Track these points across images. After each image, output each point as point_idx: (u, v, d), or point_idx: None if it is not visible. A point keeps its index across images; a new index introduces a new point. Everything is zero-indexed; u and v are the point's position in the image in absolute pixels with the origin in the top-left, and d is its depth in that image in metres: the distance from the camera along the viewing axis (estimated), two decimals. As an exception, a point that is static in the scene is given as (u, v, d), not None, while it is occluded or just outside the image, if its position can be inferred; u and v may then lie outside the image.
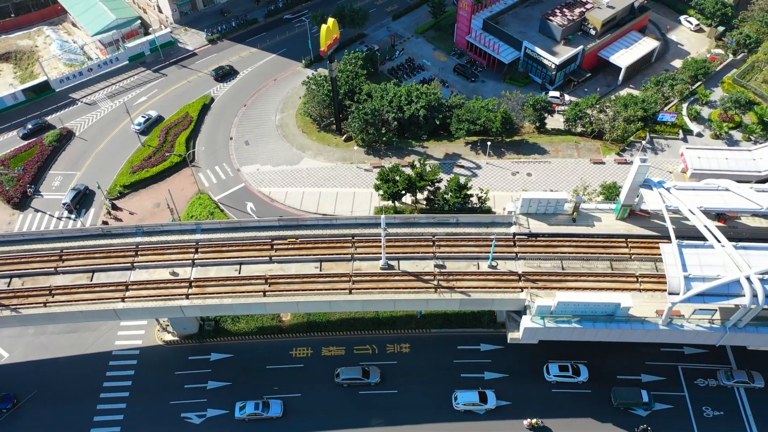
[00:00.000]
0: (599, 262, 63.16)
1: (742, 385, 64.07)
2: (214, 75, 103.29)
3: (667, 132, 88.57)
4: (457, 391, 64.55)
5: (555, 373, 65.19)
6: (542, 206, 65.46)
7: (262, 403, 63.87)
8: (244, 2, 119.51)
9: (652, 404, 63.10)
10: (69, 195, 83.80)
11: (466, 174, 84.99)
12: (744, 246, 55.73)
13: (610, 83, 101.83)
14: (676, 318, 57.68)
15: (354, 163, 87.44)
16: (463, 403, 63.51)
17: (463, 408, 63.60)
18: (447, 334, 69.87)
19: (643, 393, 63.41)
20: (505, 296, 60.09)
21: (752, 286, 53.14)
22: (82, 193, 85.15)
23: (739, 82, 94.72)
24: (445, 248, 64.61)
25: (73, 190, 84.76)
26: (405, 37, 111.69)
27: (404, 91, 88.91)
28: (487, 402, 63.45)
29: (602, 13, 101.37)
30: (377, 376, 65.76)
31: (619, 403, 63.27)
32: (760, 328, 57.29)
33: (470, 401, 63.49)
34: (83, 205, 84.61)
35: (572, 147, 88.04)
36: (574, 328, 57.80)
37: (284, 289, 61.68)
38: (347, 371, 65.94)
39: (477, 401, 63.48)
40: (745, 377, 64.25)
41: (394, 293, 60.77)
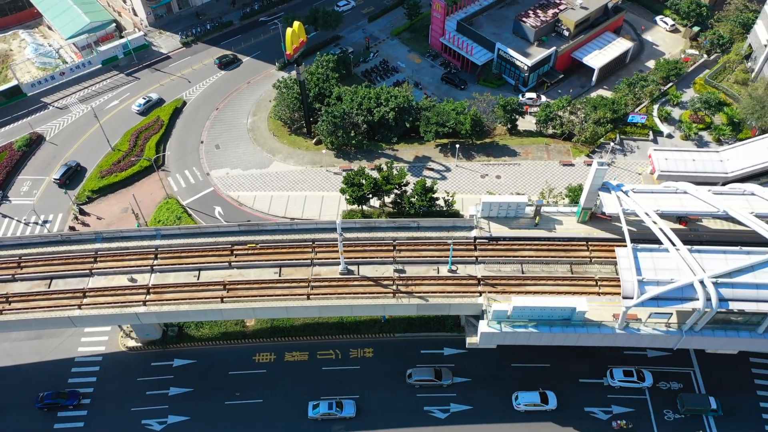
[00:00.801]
0: (559, 266, 63.00)
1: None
2: (218, 63, 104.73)
3: (637, 133, 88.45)
4: (518, 391, 64.22)
5: (620, 378, 64.56)
6: (503, 210, 65.26)
7: (336, 403, 63.46)
8: (220, 5, 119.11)
9: (719, 411, 62.42)
10: (60, 171, 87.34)
11: (435, 177, 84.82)
12: (699, 249, 55.54)
13: (584, 84, 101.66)
14: (633, 322, 57.55)
15: (323, 166, 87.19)
16: (524, 404, 63.42)
17: (524, 408, 63.35)
18: (411, 338, 69.67)
19: (711, 400, 62.64)
20: (462, 301, 59.91)
21: (705, 289, 52.99)
22: (73, 169, 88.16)
23: (711, 83, 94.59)
24: (405, 252, 64.39)
25: (64, 166, 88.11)
26: (380, 38, 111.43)
27: (374, 94, 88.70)
28: (548, 403, 63.18)
29: (575, 14, 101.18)
30: (449, 378, 65.21)
31: (686, 410, 62.56)
32: (716, 331, 57.13)
33: (531, 401, 63.29)
34: (74, 181, 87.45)
35: (542, 149, 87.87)
36: (531, 333, 57.61)
37: (242, 295, 61.42)
38: (419, 372, 65.35)
39: (538, 401, 63.28)
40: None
41: (351, 299, 60.53)
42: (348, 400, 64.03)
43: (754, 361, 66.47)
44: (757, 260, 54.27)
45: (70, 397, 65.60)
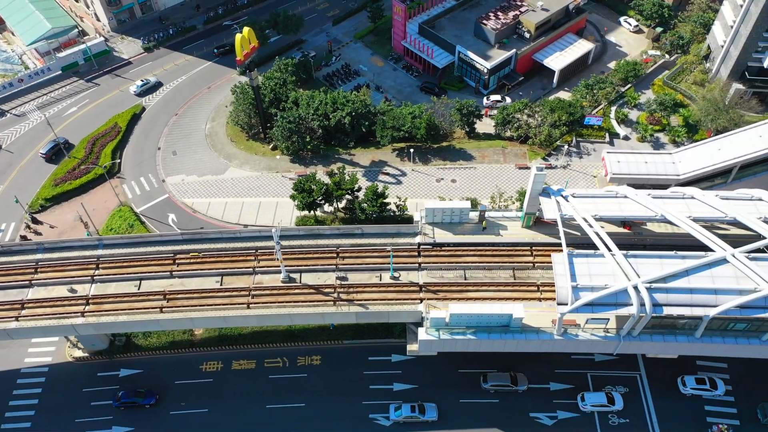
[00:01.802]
0: (502, 271, 62.82)
1: None
2: (216, 51, 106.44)
3: (594, 135, 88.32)
4: (584, 392, 64.02)
5: (692, 386, 63.86)
6: (447, 216, 65.02)
7: (418, 407, 63.10)
8: (184, 9, 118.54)
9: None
10: (47, 146, 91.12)
11: (390, 181, 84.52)
12: (635, 254, 55.38)
13: (546, 86, 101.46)
14: (572, 327, 57.38)
15: (279, 171, 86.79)
16: (591, 404, 63.15)
17: (590, 409, 63.10)
18: (359, 345, 69.29)
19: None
20: (402, 308, 59.69)
21: (639, 295, 52.84)
22: (61, 146, 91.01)
23: (669, 84, 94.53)
24: (349, 260, 64.09)
25: (51, 142, 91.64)
26: (344, 42, 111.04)
27: (330, 99, 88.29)
28: (614, 404, 62.96)
29: (536, 16, 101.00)
30: (525, 383, 64.81)
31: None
32: (654, 336, 57.02)
33: (598, 402, 62.98)
34: (59, 156, 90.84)
35: (499, 152, 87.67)
36: (469, 340, 57.39)
37: (183, 304, 61.01)
38: (496, 377, 64.98)
39: (605, 402, 63.02)
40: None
41: (291, 307, 60.23)
42: (430, 404, 63.50)
43: (701, 364, 66.45)
44: (691, 265, 54.18)
45: (147, 396, 65.12)
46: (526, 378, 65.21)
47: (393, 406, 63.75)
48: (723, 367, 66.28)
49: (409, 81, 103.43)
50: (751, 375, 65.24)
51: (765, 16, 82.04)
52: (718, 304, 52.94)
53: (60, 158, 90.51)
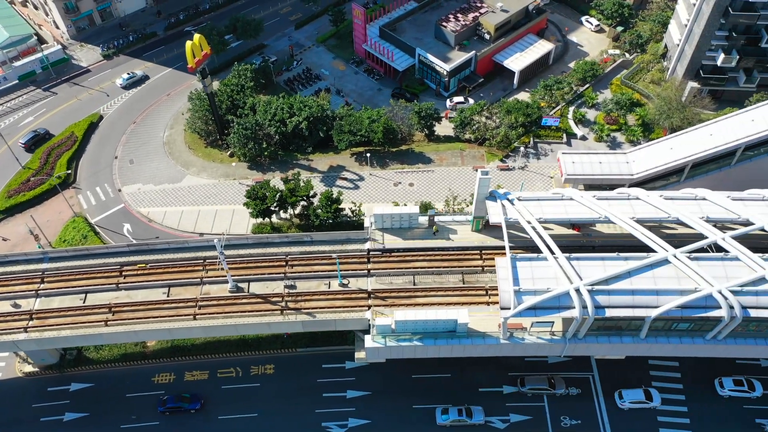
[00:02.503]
0: (451, 276, 62.64)
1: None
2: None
3: (552, 136, 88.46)
4: (622, 389, 63.98)
5: (730, 388, 63.70)
6: (396, 221, 64.73)
7: (465, 410, 62.83)
8: (145, 15, 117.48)
9: None
10: (27, 136, 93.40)
11: (348, 186, 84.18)
12: (578, 257, 55.32)
13: (507, 87, 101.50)
14: (519, 331, 57.31)
15: (236, 179, 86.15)
16: (630, 401, 63.13)
17: (628, 406, 63.13)
18: (312, 352, 68.86)
19: None
20: (348, 316, 59.28)
21: (581, 297, 52.80)
22: (41, 136, 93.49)
23: (627, 84, 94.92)
24: (298, 268, 63.63)
25: (32, 132, 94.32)
26: (306, 46, 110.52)
27: (287, 104, 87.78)
28: (652, 400, 63.07)
29: (495, 17, 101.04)
30: (563, 387, 64.64)
31: None
32: (600, 337, 57.06)
33: (636, 399, 63.12)
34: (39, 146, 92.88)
35: (457, 155, 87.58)
36: (416, 346, 57.13)
37: (128, 317, 60.28)
38: (533, 380, 64.85)
39: (643, 398, 63.14)
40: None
41: (238, 317, 59.68)
42: (477, 407, 63.36)
43: (653, 363, 66.67)
44: (633, 266, 54.22)
45: (192, 401, 64.57)
46: (564, 382, 65.12)
47: (439, 409, 63.43)
48: (675, 365, 66.69)
49: (370, 84, 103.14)
50: (704, 372, 65.54)
51: (716, 15, 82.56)
52: (660, 304, 53.01)
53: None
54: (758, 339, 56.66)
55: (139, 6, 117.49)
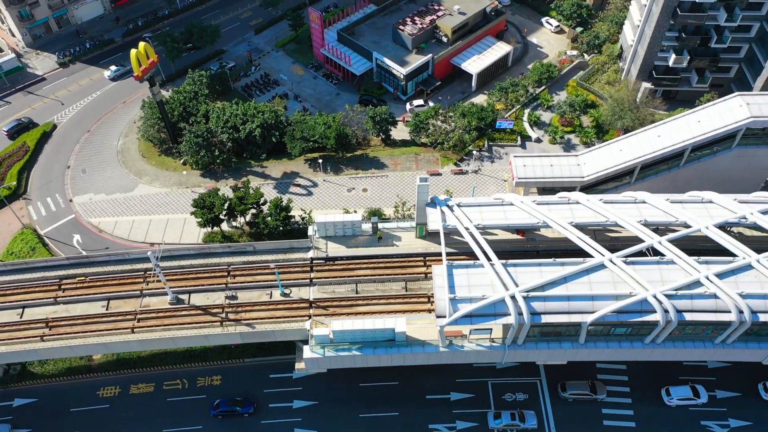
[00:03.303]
0: (394, 284, 62.23)
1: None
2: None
3: (506, 139, 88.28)
4: (670, 386, 64.06)
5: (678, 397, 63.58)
6: (339, 229, 64.24)
7: (518, 414, 62.54)
8: (103, 22, 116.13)
9: None
10: (10, 124, 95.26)
11: (301, 193, 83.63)
12: (515, 263, 55.06)
13: (466, 90, 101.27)
14: (459, 338, 57.01)
15: (189, 187, 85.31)
16: (677, 398, 63.14)
17: (676, 403, 63.17)
18: (260, 362, 68.21)
19: None
20: (288, 326, 58.78)
21: (517, 304, 52.55)
22: (24, 125, 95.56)
23: (582, 85, 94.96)
24: (240, 278, 63.00)
25: (15, 121, 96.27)
26: (265, 51, 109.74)
27: (241, 111, 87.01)
28: (699, 397, 63.07)
29: (453, 20, 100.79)
30: (604, 392, 64.25)
31: None
32: (539, 343, 56.91)
33: (684, 395, 63.20)
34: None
35: (412, 159, 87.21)
36: (355, 356, 56.71)
37: (66, 332, 59.42)
38: (574, 386, 64.50)
39: (690, 395, 63.19)
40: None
41: (176, 330, 58.97)
42: (529, 411, 63.09)
43: (601, 367, 66.63)
44: (569, 272, 54.03)
45: (245, 405, 64.17)
46: (605, 387, 64.73)
47: (491, 414, 63.10)
48: (622, 369, 66.68)
49: (328, 89, 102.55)
50: (650, 374, 65.56)
51: (665, 15, 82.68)
52: (595, 310, 52.85)
53: None
54: (696, 342, 56.70)
55: (97, 13, 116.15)
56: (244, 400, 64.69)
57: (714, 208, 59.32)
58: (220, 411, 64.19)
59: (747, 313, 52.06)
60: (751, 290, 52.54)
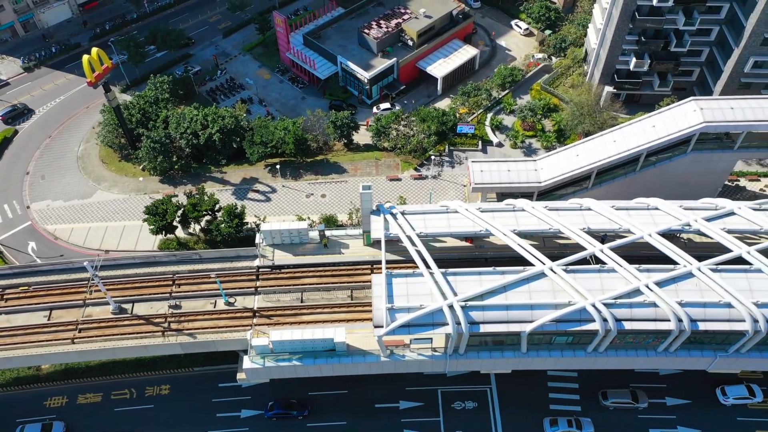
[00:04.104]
0: (340, 292, 61.69)
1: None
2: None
3: (467, 144, 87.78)
4: (725, 385, 63.91)
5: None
6: (285, 237, 63.67)
7: (575, 421, 62.24)
8: (71, 26, 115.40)
9: None
10: (5, 110, 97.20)
11: (260, 199, 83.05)
12: (455, 272, 54.45)
13: (432, 93, 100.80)
14: (401, 348, 56.49)
15: (147, 193, 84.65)
16: (733, 397, 63.20)
17: (732, 402, 63.10)
18: (209, 371, 67.57)
19: None
20: (229, 336, 58.18)
21: (455, 314, 51.99)
22: (20, 110, 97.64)
23: (546, 89, 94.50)
24: (185, 287, 62.39)
25: (11, 106, 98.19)
26: (233, 54, 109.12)
27: (200, 116, 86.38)
28: (755, 396, 63.12)
29: (418, 23, 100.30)
30: (645, 400, 63.69)
31: None
32: (481, 352, 56.40)
33: (740, 395, 63.28)
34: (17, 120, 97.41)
35: (372, 164, 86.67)
36: (296, 366, 56.16)
37: (5, 342, 58.68)
38: (616, 394, 64.01)
39: (746, 394, 63.24)
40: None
41: (117, 340, 58.33)
42: (586, 419, 62.70)
43: (551, 374, 66.17)
44: (509, 280, 53.46)
45: (300, 407, 63.84)
46: (646, 395, 64.27)
47: (547, 420, 62.80)
48: (573, 376, 66.22)
49: (294, 93, 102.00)
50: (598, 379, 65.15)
51: (625, 19, 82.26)
52: (534, 319, 52.35)
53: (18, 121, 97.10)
54: (639, 350, 56.29)
55: (65, 16, 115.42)
56: (298, 403, 64.24)
57: (659, 215, 58.81)
58: (274, 413, 63.81)
59: (686, 321, 51.61)
60: (690, 299, 52.09)
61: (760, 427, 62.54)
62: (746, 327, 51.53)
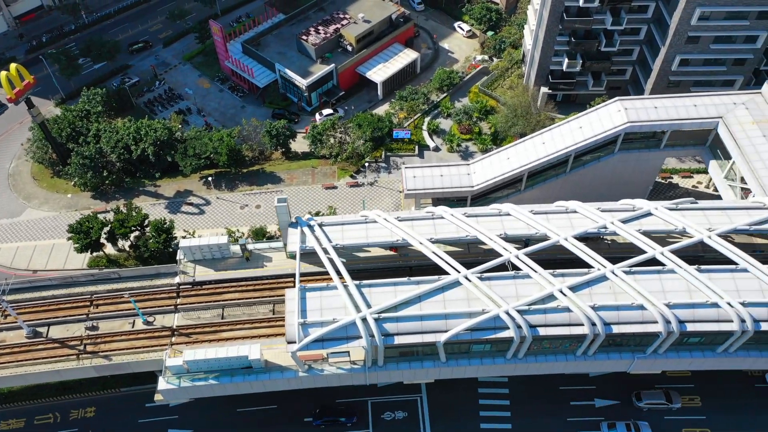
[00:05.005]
0: (262, 306, 60.71)
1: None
2: None
3: (404, 149, 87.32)
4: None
5: None
6: (206, 252, 62.51)
7: (633, 425, 62.28)
8: (7, 39, 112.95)
9: None
10: None
11: (193, 212, 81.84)
12: (370, 284, 53.70)
13: (373, 98, 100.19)
14: (320, 362, 55.68)
15: (78, 210, 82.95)
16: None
17: None
18: (136, 391, 66.29)
19: None
20: (146, 357, 56.92)
21: (368, 326, 51.31)
22: None
23: (484, 91, 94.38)
24: (103, 307, 60.94)
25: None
26: (173, 64, 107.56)
27: (133, 129, 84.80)
28: None
29: (357, 28, 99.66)
30: (679, 401, 63.90)
31: None
32: (401, 363, 55.83)
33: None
34: None
35: (308, 173, 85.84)
36: (212, 385, 55.07)
37: None
38: (650, 395, 64.25)
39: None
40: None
41: (30, 365, 56.78)
42: (643, 422, 62.61)
43: (482, 381, 65.85)
44: (423, 290, 52.76)
45: (348, 414, 63.33)
46: (679, 395, 64.44)
47: (605, 424, 62.83)
48: (504, 382, 66.01)
49: (234, 102, 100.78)
50: (531, 392, 64.92)
51: (555, 21, 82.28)
52: (449, 328, 51.84)
53: None
54: (558, 355, 56.13)
55: (0, 30, 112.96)
56: (347, 409, 63.89)
57: (577, 218, 58.56)
58: (323, 420, 63.22)
59: (600, 325, 51.44)
60: (604, 302, 51.94)
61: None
62: (659, 328, 51.56)
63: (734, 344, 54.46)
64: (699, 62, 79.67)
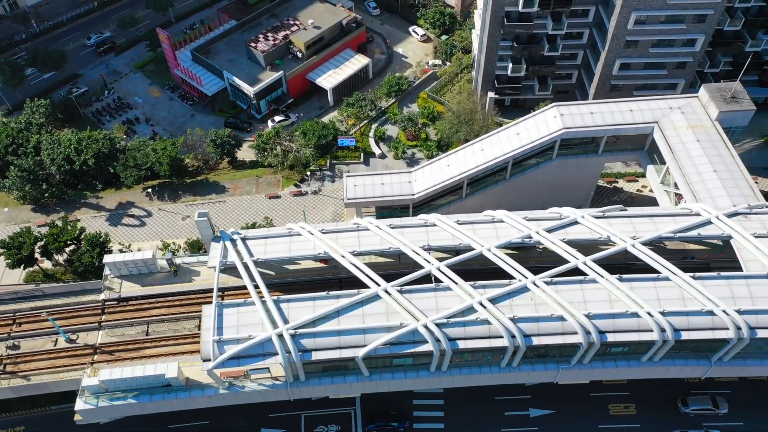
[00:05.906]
0: (188, 322, 59.79)
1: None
2: None
3: (350, 157, 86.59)
4: None
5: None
6: (131, 268, 61.54)
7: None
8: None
9: None
10: None
11: (134, 224, 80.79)
12: (289, 299, 52.93)
13: (324, 105, 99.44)
14: (242, 379, 54.86)
15: (18, 223, 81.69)
16: None
17: None
18: (66, 409, 64.34)
19: None
20: (65, 376, 55.89)
21: (284, 342, 50.52)
22: None
23: (433, 97, 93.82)
24: (26, 325, 59.82)
25: None
26: (124, 73, 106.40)
27: (74, 141, 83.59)
28: None
29: (306, 34, 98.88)
30: (726, 406, 64.03)
31: None
32: (323, 378, 55.07)
33: None
34: None
35: (253, 182, 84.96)
36: (132, 404, 54.13)
37: None
38: (697, 401, 64.35)
39: None
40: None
41: (-54, 388, 55.77)
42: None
43: (417, 392, 65.22)
44: (342, 304, 52.07)
45: (400, 420, 63.64)
46: (725, 401, 64.42)
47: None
48: (439, 392, 65.40)
49: (183, 110, 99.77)
50: (465, 402, 64.37)
51: (496, 26, 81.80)
52: (367, 343, 51.15)
53: None
54: (483, 367, 55.50)
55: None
56: (398, 415, 63.98)
57: (503, 228, 58.01)
58: (376, 425, 63.40)
59: (519, 337, 50.85)
60: (523, 314, 51.35)
61: None
62: (579, 339, 51.08)
63: (657, 353, 54.10)
64: (639, 66, 79.39)
